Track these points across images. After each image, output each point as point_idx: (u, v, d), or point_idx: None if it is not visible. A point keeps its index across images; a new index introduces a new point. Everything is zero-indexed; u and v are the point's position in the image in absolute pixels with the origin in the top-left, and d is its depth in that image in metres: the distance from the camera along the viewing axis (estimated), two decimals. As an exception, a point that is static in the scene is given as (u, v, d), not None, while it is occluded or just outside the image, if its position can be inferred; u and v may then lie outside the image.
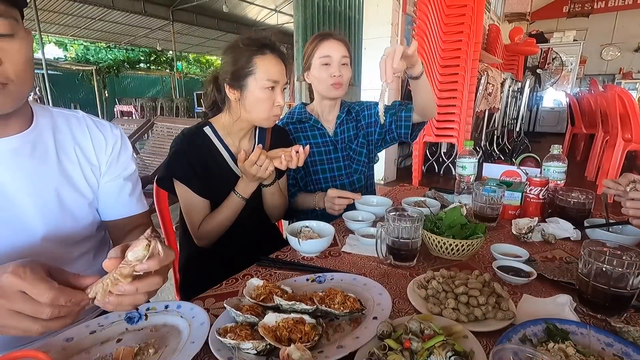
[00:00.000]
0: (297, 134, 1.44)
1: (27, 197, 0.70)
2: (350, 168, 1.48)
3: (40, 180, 0.72)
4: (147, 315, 0.67)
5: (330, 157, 1.46)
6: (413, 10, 3.77)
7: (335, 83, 1.34)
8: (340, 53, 1.33)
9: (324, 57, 1.33)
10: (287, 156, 1.01)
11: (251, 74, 1.04)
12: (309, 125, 1.44)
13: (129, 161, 0.88)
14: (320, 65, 1.34)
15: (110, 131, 0.85)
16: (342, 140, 1.48)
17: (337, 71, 1.33)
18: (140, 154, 3.47)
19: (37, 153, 0.72)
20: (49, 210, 0.73)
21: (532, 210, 1.20)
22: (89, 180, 0.80)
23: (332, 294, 0.67)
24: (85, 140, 0.81)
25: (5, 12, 0.59)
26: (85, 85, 14.55)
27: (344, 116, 1.48)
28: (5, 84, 0.61)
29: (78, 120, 0.82)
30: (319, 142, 1.45)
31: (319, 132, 1.45)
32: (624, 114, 3.46)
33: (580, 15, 9.11)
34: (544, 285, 0.79)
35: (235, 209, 1.09)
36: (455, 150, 4.30)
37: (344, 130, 1.49)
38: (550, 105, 8.90)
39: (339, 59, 1.33)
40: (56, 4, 9.70)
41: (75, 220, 0.78)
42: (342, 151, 1.47)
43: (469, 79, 3.58)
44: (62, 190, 0.75)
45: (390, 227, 0.87)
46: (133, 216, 0.88)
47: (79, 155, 0.79)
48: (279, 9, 12.08)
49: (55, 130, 0.77)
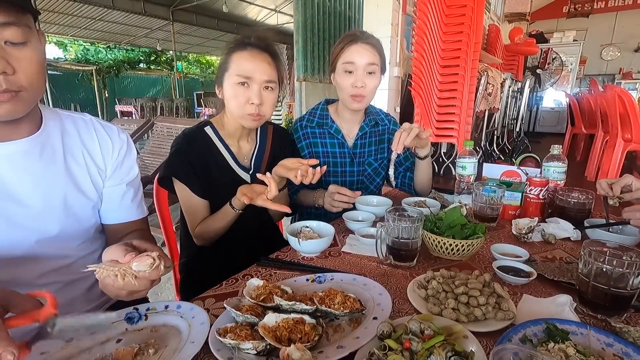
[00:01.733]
0: (315, 140, 1.36)
1: (33, 198, 0.71)
2: (362, 184, 1.42)
3: (47, 181, 0.73)
4: (147, 316, 0.67)
5: (344, 170, 1.38)
6: (413, 10, 3.77)
7: (355, 95, 1.24)
8: (366, 59, 1.21)
9: (347, 64, 1.23)
10: (304, 171, 0.97)
11: (226, 70, 1.04)
12: (328, 131, 1.36)
13: (133, 166, 0.89)
14: (342, 72, 1.25)
15: (117, 135, 0.85)
16: (362, 155, 1.40)
17: (360, 81, 1.22)
18: (140, 154, 3.47)
19: (45, 155, 0.73)
20: (54, 211, 0.74)
21: (532, 210, 1.20)
22: (95, 183, 0.81)
23: (332, 294, 0.67)
24: (93, 144, 0.81)
25: (17, 20, 0.59)
26: (85, 85, 14.55)
27: (368, 129, 1.38)
28: (18, 92, 0.62)
29: (86, 123, 0.82)
30: (336, 151, 1.37)
31: (337, 141, 1.37)
32: (623, 114, 3.46)
33: (580, 15, 9.11)
34: (544, 286, 0.79)
35: (231, 219, 1.05)
36: (455, 150, 4.30)
37: (365, 144, 1.40)
38: (550, 105, 8.89)
39: (363, 66, 1.22)
40: (56, 4, 9.69)
41: (79, 222, 0.79)
42: (358, 165, 1.39)
43: (469, 79, 3.58)
44: (68, 192, 0.76)
45: (390, 227, 0.87)
46: (132, 222, 0.89)
47: (87, 158, 0.80)
48: (279, 9, 12.07)
49: (63, 133, 0.78)
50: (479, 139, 4.76)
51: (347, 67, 1.23)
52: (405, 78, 4.28)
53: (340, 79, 1.26)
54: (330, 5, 4.05)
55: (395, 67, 3.96)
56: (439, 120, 3.79)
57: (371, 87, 1.26)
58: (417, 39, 3.63)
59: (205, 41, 14.81)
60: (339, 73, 1.27)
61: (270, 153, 1.22)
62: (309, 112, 1.41)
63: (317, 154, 1.36)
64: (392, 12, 3.72)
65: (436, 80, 3.67)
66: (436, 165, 4.63)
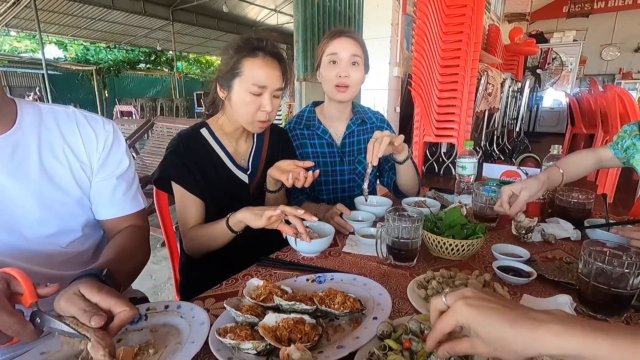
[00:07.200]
0: (304, 140, 1.37)
1: (8, 199, 0.69)
2: (354, 182, 1.42)
3: (20, 181, 0.71)
4: (147, 316, 0.67)
5: (335, 169, 1.39)
6: (413, 10, 3.77)
7: (339, 84, 1.26)
8: (349, 51, 1.24)
9: (331, 55, 1.25)
10: (296, 174, 0.97)
11: (238, 76, 1.02)
12: (316, 132, 1.37)
13: (122, 158, 0.85)
14: (327, 64, 1.27)
15: (102, 127, 0.82)
16: (351, 153, 1.40)
17: (344, 71, 1.25)
18: (140, 154, 3.47)
19: (17, 154, 0.71)
20: (31, 211, 0.72)
21: (532, 210, 1.20)
22: (79, 179, 0.78)
23: (332, 294, 0.67)
24: (75, 138, 0.78)
25: None
26: (85, 85, 14.57)
27: (355, 127, 1.39)
28: None
29: (68, 116, 0.79)
30: (325, 151, 1.37)
31: (325, 141, 1.37)
32: (623, 114, 3.46)
33: (580, 15, 9.12)
34: (544, 286, 0.79)
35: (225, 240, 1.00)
36: (455, 150, 4.30)
37: (354, 143, 1.40)
38: (550, 105, 8.90)
39: (347, 57, 1.25)
40: (56, 4, 9.69)
41: (62, 219, 0.76)
42: (348, 164, 1.39)
43: (469, 79, 3.58)
44: (44, 190, 0.73)
45: (390, 227, 0.87)
46: (127, 215, 0.86)
47: (67, 154, 0.77)
48: (279, 9, 12.08)
49: (41, 128, 0.75)
50: (479, 139, 4.76)
51: (331, 58, 1.26)
52: (405, 78, 4.28)
53: (325, 71, 1.28)
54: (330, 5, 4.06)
55: (395, 67, 3.96)
56: (439, 120, 3.79)
57: (355, 79, 1.27)
58: (417, 39, 3.64)
59: (205, 41, 14.82)
60: (324, 66, 1.29)
61: (267, 153, 1.21)
62: (297, 115, 1.42)
63: (307, 154, 1.36)
64: (392, 12, 3.73)
65: (436, 80, 3.68)
66: (436, 165, 4.64)
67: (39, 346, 0.59)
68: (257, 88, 1.01)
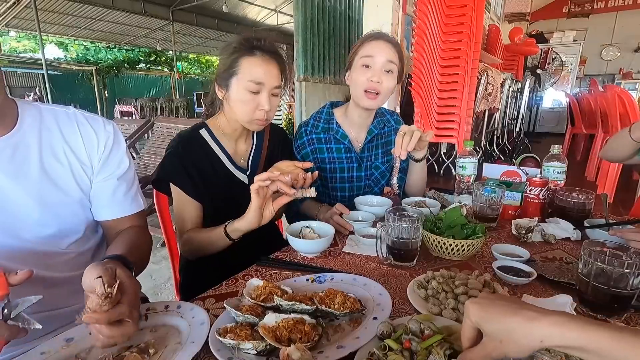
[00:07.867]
0: (320, 145, 1.31)
1: (8, 200, 0.69)
2: (369, 188, 1.38)
3: (20, 182, 0.70)
4: (147, 316, 0.67)
5: (352, 175, 1.34)
6: (413, 11, 3.77)
7: (369, 89, 1.18)
8: (385, 56, 1.17)
9: (365, 57, 1.18)
10: (294, 175, 0.95)
11: (235, 75, 1.02)
12: (334, 136, 1.31)
13: (123, 158, 0.85)
14: (360, 67, 1.20)
15: (102, 127, 0.82)
16: (369, 158, 1.35)
17: (377, 76, 1.17)
18: (140, 154, 3.47)
19: (18, 155, 0.71)
20: (31, 212, 0.72)
21: (532, 210, 1.20)
22: (80, 179, 0.78)
23: (332, 294, 0.67)
24: (75, 138, 0.78)
25: None
26: (85, 85, 14.56)
27: (376, 132, 1.34)
28: None
29: (68, 117, 0.79)
30: (343, 157, 1.32)
31: (344, 146, 1.32)
32: (623, 114, 3.46)
33: (580, 15, 9.12)
34: (544, 286, 0.79)
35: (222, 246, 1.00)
36: (455, 150, 4.30)
37: (373, 148, 1.36)
38: (550, 105, 8.90)
39: (382, 62, 1.17)
40: (56, 4, 9.69)
41: (62, 220, 0.76)
42: (365, 170, 1.35)
43: (469, 79, 3.58)
44: (45, 191, 0.73)
45: (390, 227, 0.87)
46: (127, 216, 0.86)
47: (68, 154, 0.77)
48: (279, 9, 12.07)
49: (41, 129, 0.75)
50: (479, 139, 4.76)
51: (365, 61, 1.19)
52: (405, 78, 4.28)
53: (356, 74, 1.21)
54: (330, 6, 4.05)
55: (395, 67, 3.95)
56: (439, 120, 3.79)
57: (387, 86, 1.21)
58: (417, 39, 3.63)
59: (205, 41, 14.81)
60: (355, 68, 1.22)
61: (267, 153, 1.21)
62: (314, 117, 1.36)
63: (323, 159, 1.32)
64: (392, 12, 3.72)
65: (436, 80, 3.68)
66: (436, 165, 4.64)
67: (39, 346, 0.59)
68: (255, 85, 1.01)
